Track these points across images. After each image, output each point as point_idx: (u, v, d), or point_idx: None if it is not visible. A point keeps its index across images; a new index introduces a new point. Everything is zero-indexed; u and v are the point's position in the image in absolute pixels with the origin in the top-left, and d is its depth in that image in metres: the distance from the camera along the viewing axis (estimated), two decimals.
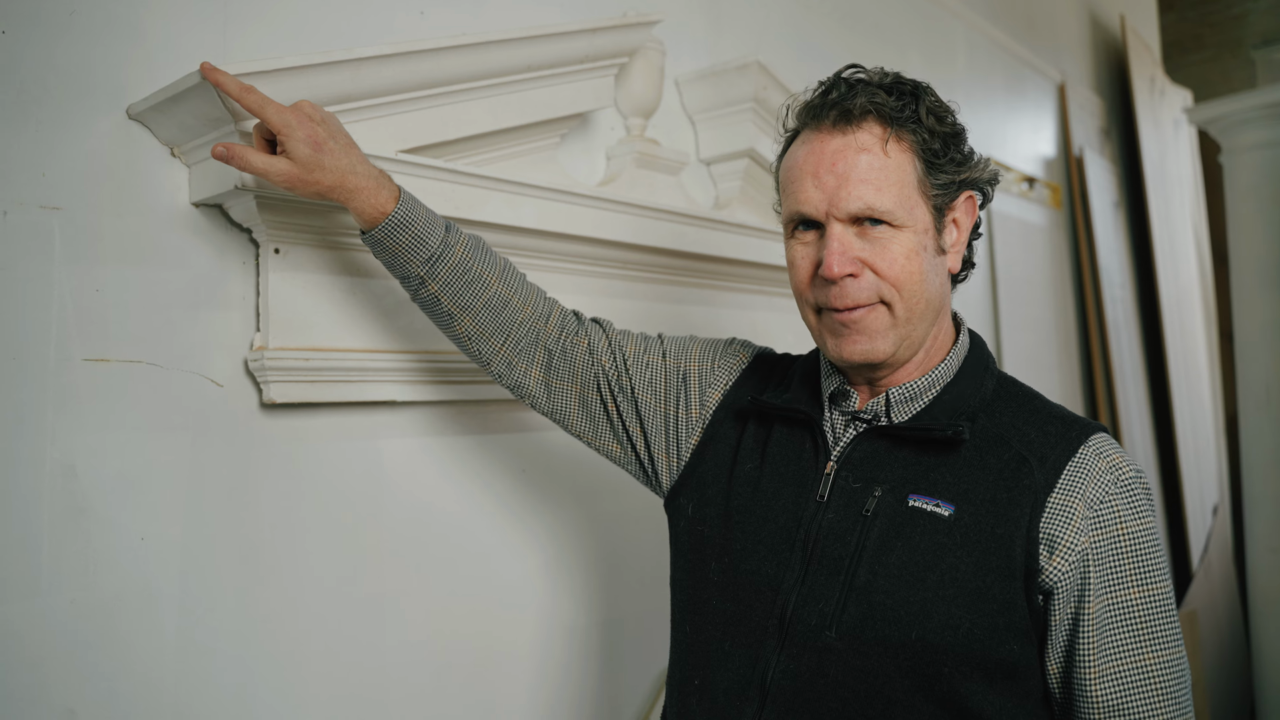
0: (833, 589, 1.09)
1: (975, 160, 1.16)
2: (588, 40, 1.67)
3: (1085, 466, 1.07)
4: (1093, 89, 4.52)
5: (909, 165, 1.10)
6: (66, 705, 1.19)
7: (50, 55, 1.20)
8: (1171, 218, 4.82)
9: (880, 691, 1.05)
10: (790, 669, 1.09)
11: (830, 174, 1.10)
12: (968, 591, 1.04)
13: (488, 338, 1.31)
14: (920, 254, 1.11)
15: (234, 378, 1.35)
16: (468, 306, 1.28)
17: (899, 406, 1.15)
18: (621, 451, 1.37)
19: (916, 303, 1.11)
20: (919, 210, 1.11)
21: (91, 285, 1.22)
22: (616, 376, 1.34)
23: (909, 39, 3.04)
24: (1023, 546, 1.04)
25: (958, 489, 1.08)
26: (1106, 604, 1.04)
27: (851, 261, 1.10)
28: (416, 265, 1.25)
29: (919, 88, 1.14)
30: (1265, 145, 3.98)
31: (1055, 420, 1.12)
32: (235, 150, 1.15)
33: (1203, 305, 5.25)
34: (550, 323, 1.35)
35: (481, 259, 1.29)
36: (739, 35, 2.30)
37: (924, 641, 1.03)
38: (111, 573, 1.23)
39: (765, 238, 2.09)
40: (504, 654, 1.68)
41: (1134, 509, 1.06)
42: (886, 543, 1.08)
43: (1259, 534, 4.02)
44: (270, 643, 1.37)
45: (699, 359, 1.35)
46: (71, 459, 1.20)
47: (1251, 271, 4.01)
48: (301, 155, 1.16)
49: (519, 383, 1.36)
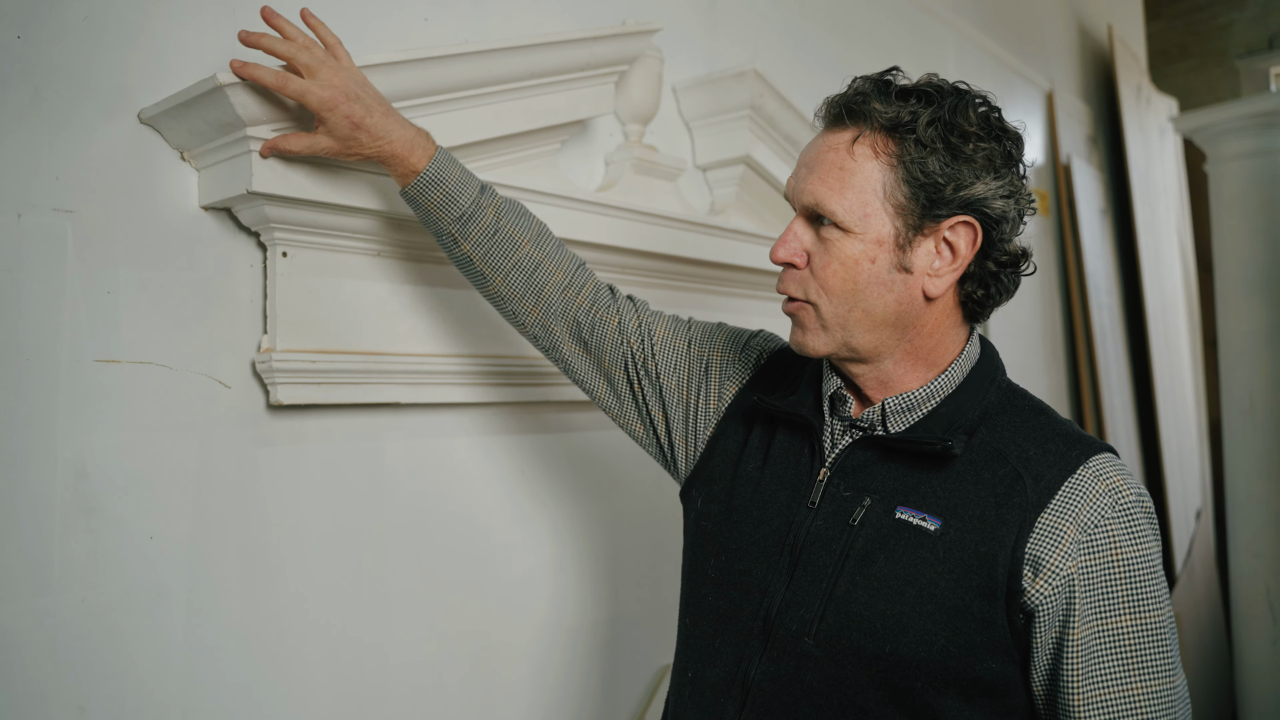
0: (814, 596, 1.09)
1: (988, 191, 1.07)
2: (589, 48, 1.69)
3: (1082, 488, 1.04)
4: (1080, 97, 4.57)
5: (876, 172, 1.07)
6: (76, 702, 1.20)
7: (64, 60, 1.21)
8: (1157, 225, 4.88)
9: (853, 701, 1.06)
10: (770, 671, 1.10)
11: (804, 166, 1.13)
12: (946, 608, 1.03)
13: (520, 298, 1.35)
14: (862, 264, 1.08)
15: (242, 379, 1.37)
16: (498, 267, 1.33)
17: (895, 417, 1.14)
18: (645, 432, 1.40)
19: (849, 311, 1.10)
20: (876, 220, 1.08)
21: (103, 287, 1.24)
22: (643, 359, 1.35)
23: (900, 46, 3.07)
24: (1006, 566, 1.02)
25: (947, 503, 1.07)
26: (1095, 630, 1.02)
27: (795, 252, 1.12)
28: (448, 223, 1.30)
29: (941, 99, 1.08)
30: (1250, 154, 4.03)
31: (1059, 438, 1.09)
32: (276, 141, 1.25)
33: (1187, 312, 5.31)
34: (583, 294, 1.37)
35: (515, 222, 1.33)
36: (735, 43, 2.33)
37: (898, 655, 1.04)
38: (120, 571, 1.24)
39: (761, 243, 2.12)
40: (504, 652, 1.70)
41: (1131, 534, 1.03)
42: (869, 554, 1.08)
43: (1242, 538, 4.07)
44: (275, 641, 1.39)
45: (722, 350, 1.37)
46: (82, 459, 1.21)
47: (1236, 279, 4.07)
48: (341, 133, 1.24)
49: (554, 346, 1.38)
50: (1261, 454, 3.96)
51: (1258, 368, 3.98)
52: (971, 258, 1.10)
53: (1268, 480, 3.95)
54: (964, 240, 1.09)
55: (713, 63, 2.24)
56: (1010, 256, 1.12)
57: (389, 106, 1.28)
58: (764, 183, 2.23)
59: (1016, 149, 1.11)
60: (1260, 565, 3.97)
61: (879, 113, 1.07)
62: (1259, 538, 3.98)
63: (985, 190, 1.07)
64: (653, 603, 2.01)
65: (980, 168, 1.07)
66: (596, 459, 1.89)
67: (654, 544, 2.02)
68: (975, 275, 1.12)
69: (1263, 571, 3.97)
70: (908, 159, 1.06)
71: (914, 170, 1.06)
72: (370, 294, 1.47)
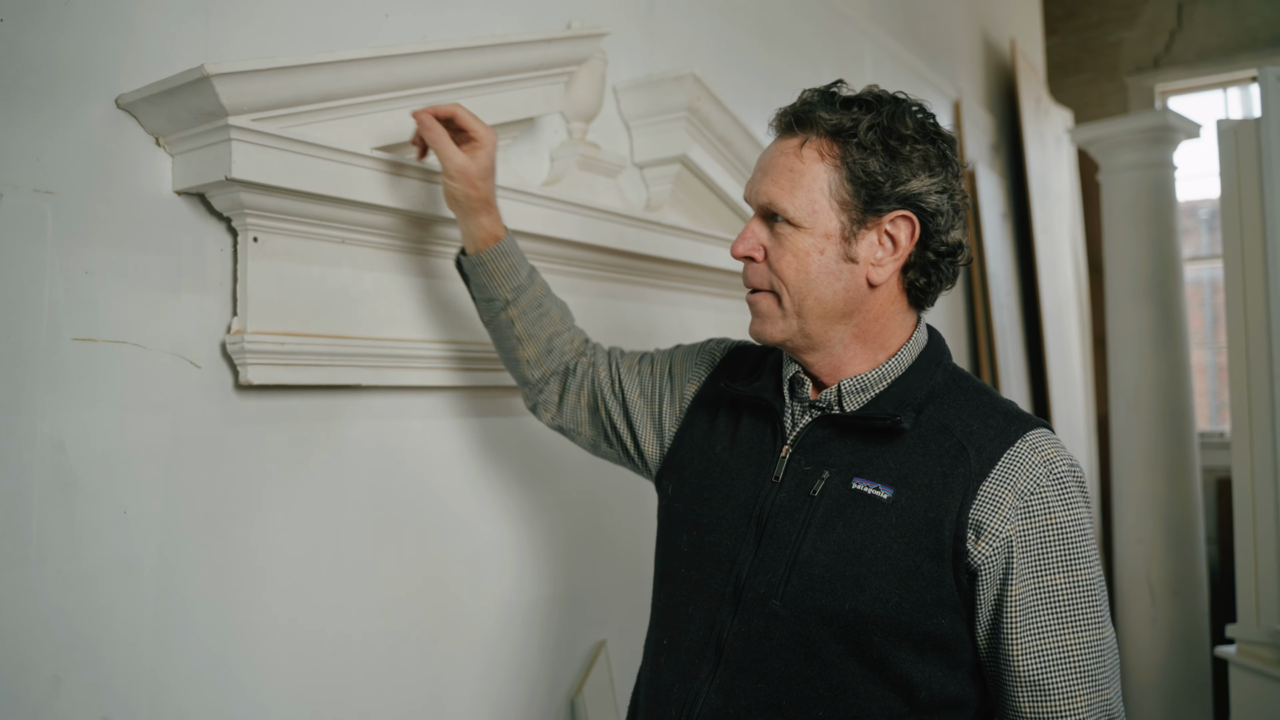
0: (779, 561, 1.20)
1: (923, 187, 1.18)
2: (544, 50, 1.77)
3: (1020, 459, 1.14)
4: (984, 106, 4.80)
5: (823, 173, 1.19)
6: (52, 672, 1.23)
7: (46, 44, 1.24)
8: (1053, 229, 5.15)
9: (817, 655, 1.16)
10: (742, 631, 1.21)
11: (759, 169, 1.26)
12: (899, 569, 1.13)
13: (540, 364, 1.53)
14: (813, 255, 1.20)
15: (212, 360, 1.41)
16: (534, 335, 1.52)
17: (850, 397, 1.24)
18: (615, 453, 1.56)
19: (804, 299, 1.21)
20: (824, 216, 1.19)
21: (81, 267, 1.27)
22: (610, 386, 1.52)
23: (821, 53, 3.22)
24: (952, 530, 1.12)
25: (898, 474, 1.17)
26: (1032, 587, 1.12)
27: (753, 247, 1.25)
28: (507, 290, 1.48)
29: (880, 107, 1.19)
30: (1139, 166, 4.29)
31: (999, 415, 1.20)
32: (437, 128, 1.44)
33: (1078, 312, 5.61)
34: (573, 346, 1.55)
35: (549, 297, 1.54)
36: (671, 48, 2.43)
37: (856, 612, 1.14)
38: (95, 545, 1.28)
39: (695, 239, 2.22)
40: (455, 625, 1.77)
41: (1064, 501, 1.13)
42: (829, 522, 1.18)
43: (1127, 524, 4.34)
44: (242, 612, 1.44)
45: (682, 358, 1.51)
46: (60, 435, 1.24)
47: (1125, 282, 4.33)
48: (483, 164, 1.45)
49: (545, 401, 1.56)
50: (1145, 446, 4.24)
51: (1144, 365, 4.25)
52: (911, 248, 1.21)
53: (1150, 470, 4.23)
54: (903, 232, 1.20)
55: (650, 66, 2.34)
56: (948, 247, 1.23)
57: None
58: (698, 181, 2.34)
59: (950, 150, 1.23)
60: (1142, 550, 4.24)
61: (824, 120, 1.20)
62: (1141, 524, 4.26)
63: (921, 186, 1.19)
64: (590, 581, 2.10)
65: (916, 167, 1.19)
66: (539, 444, 1.97)
67: (592, 526, 2.10)
68: (917, 264, 1.23)
69: (1144, 556, 4.25)
70: (850, 160, 1.18)
71: (856, 170, 1.18)
72: (336, 279, 1.53)
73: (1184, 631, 4.21)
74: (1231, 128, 2.88)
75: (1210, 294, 6.40)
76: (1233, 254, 2.85)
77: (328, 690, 1.55)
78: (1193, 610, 4.23)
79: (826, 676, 1.16)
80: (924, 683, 1.15)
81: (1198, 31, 6.04)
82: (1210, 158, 6.24)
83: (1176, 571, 4.20)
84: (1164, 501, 4.19)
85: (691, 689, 1.23)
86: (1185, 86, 6.24)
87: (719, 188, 2.38)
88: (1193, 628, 4.23)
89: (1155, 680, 4.18)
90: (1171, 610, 4.19)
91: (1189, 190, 6.27)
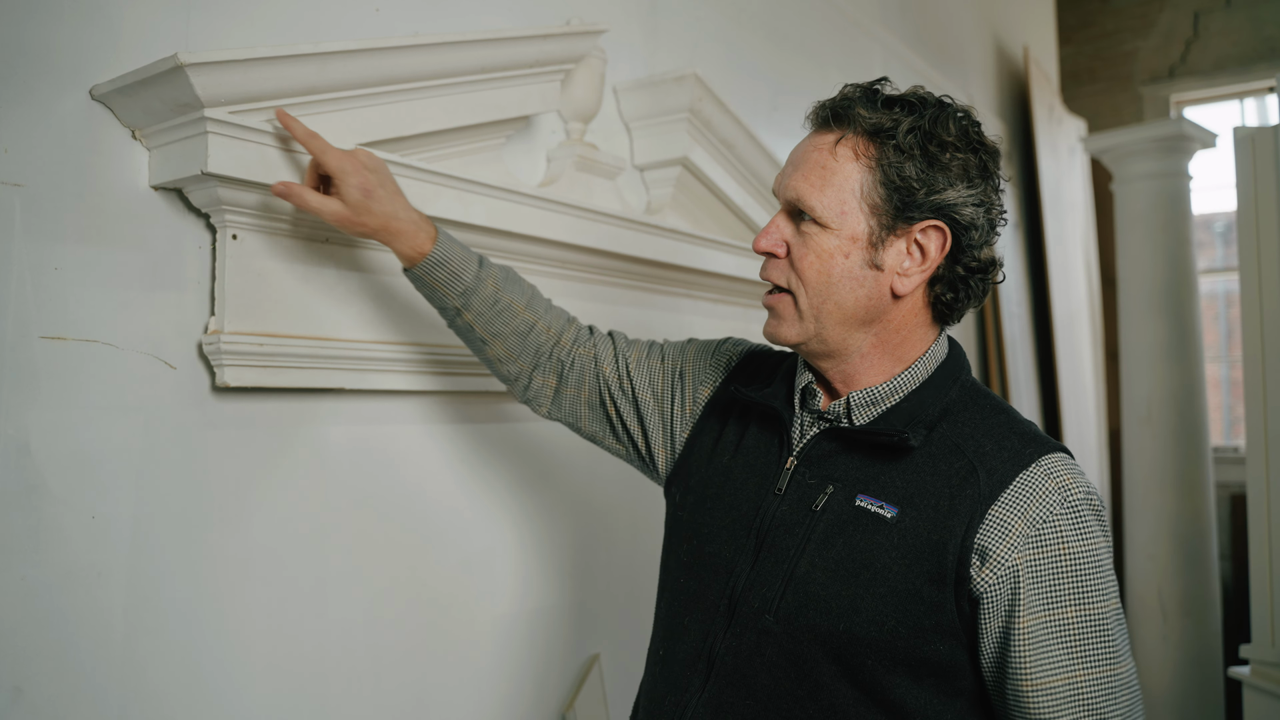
0: (776, 577, 1.15)
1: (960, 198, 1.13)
2: (539, 46, 1.72)
3: (1033, 484, 1.09)
4: (997, 114, 4.74)
5: (855, 174, 1.13)
6: (13, 683, 1.19)
7: (17, 33, 1.20)
8: (1065, 240, 5.08)
9: (809, 675, 1.12)
10: (734, 646, 1.17)
11: (790, 163, 1.21)
12: (897, 592, 1.09)
13: (515, 359, 1.45)
14: (837, 258, 1.15)
15: (187, 361, 1.36)
16: (498, 333, 1.42)
17: (859, 410, 1.19)
18: (624, 450, 1.49)
19: (822, 302, 1.17)
20: (852, 218, 1.14)
21: (50, 263, 1.23)
22: (619, 382, 1.44)
23: (830, 57, 3.16)
24: (955, 554, 1.08)
25: (904, 493, 1.13)
26: (1043, 620, 1.07)
27: (775, 242, 1.20)
28: (453, 298, 1.39)
29: (923, 110, 1.14)
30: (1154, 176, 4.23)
31: (1015, 436, 1.14)
32: (294, 189, 1.31)
33: (1090, 324, 5.54)
34: (565, 338, 1.47)
35: (511, 288, 1.42)
36: (674, 48, 2.38)
37: (851, 634, 1.10)
38: (62, 550, 1.23)
39: (696, 243, 2.17)
40: (439, 638, 1.72)
41: (1078, 530, 1.08)
42: (829, 538, 1.14)
43: (1139, 540, 4.26)
44: (216, 621, 1.39)
45: (694, 359, 1.44)
46: (25, 436, 1.20)
47: (1138, 294, 4.26)
48: (353, 199, 1.31)
49: (537, 395, 1.48)
50: (1158, 461, 4.16)
51: (1156, 379, 4.18)
52: (941, 261, 1.16)
53: (1162, 486, 4.16)
54: (934, 243, 1.15)
55: (652, 66, 2.29)
56: (980, 263, 1.18)
57: (398, 187, 1.36)
58: (700, 184, 2.29)
59: (993, 162, 1.18)
60: (1154, 567, 4.17)
61: (863, 118, 1.14)
62: (1153, 541, 4.18)
63: (957, 197, 1.13)
64: (584, 593, 2.04)
65: (955, 176, 1.13)
66: (530, 451, 1.92)
67: (586, 536, 2.05)
68: (945, 278, 1.18)
69: (1156, 573, 4.17)
70: (886, 163, 1.13)
71: (891, 174, 1.13)
72: (318, 279, 1.48)
73: (1196, 651, 4.12)
74: (1249, 134, 2.82)
75: (1225, 307, 6.32)
76: (1249, 261, 2.78)
77: (307, 704, 1.50)
78: (1205, 629, 4.15)
79: (817, 698, 1.12)
80: (919, 710, 1.11)
81: (1214, 41, 5.97)
82: (1226, 169, 6.18)
83: (1189, 589, 4.11)
84: (1176, 517, 4.11)
85: (681, 701, 1.20)
86: (1201, 97, 6.17)
87: (721, 191, 2.33)
88: (1205, 647, 4.14)
89: (1166, 701, 4.10)
90: (1183, 629, 4.11)
91: (1204, 203, 6.19)
